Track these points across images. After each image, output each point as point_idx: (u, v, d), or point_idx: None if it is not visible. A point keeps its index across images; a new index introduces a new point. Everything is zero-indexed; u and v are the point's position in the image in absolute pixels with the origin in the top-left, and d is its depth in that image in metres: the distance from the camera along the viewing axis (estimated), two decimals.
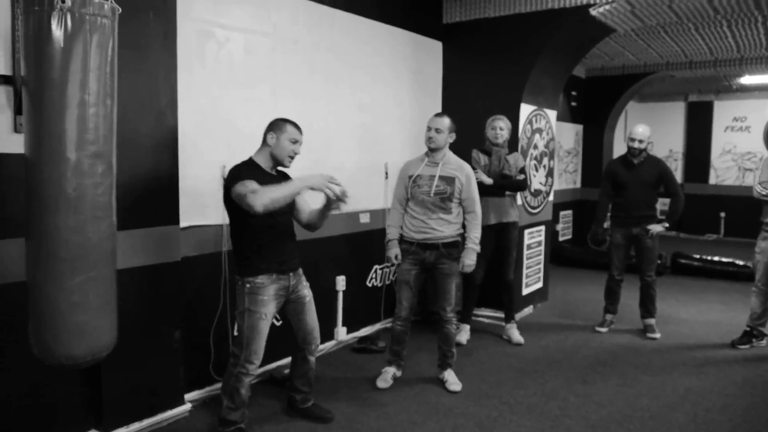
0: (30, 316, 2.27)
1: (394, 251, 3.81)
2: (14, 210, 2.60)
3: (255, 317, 2.97)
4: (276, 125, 3.02)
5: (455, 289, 3.84)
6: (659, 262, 5.39)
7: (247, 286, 2.97)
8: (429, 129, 3.73)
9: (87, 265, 2.23)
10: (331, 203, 3.03)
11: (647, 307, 5.09)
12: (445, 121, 3.71)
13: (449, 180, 3.69)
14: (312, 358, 3.32)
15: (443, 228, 3.70)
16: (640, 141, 4.87)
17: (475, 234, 3.74)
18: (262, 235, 2.97)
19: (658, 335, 4.99)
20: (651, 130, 5.10)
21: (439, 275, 3.77)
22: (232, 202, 2.87)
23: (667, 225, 4.92)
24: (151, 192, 3.18)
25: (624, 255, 5.09)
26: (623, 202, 4.98)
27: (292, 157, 3.05)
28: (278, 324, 3.81)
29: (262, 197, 2.71)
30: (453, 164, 3.75)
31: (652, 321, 5.08)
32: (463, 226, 3.81)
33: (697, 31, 6.35)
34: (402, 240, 3.81)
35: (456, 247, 3.76)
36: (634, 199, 4.92)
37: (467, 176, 3.73)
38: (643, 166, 4.92)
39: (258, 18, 3.82)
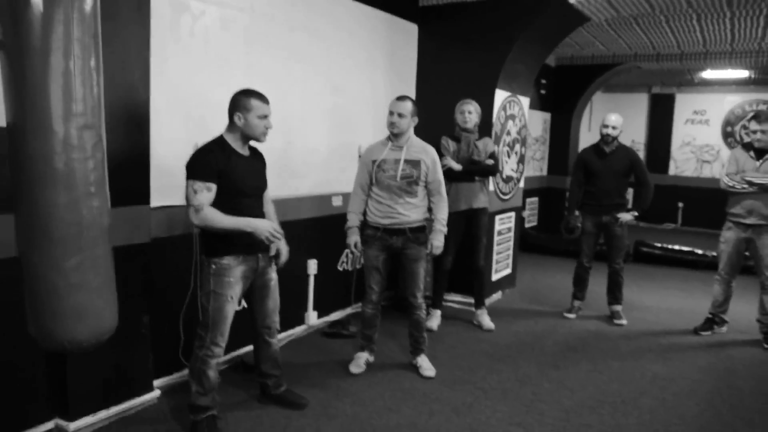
0: (26, 299, 2.17)
1: (353, 238, 3.76)
2: None
3: (221, 299, 2.88)
4: (240, 103, 2.84)
5: (424, 274, 3.80)
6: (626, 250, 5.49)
7: (213, 267, 2.87)
8: (391, 113, 3.65)
9: (82, 245, 2.13)
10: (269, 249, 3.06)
11: (614, 294, 5.17)
12: (408, 105, 3.64)
13: (415, 163, 3.64)
14: (273, 341, 3.25)
15: (410, 212, 3.65)
16: (614, 128, 4.91)
17: (442, 215, 3.70)
18: (229, 214, 2.84)
19: (624, 321, 5.09)
20: None
21: (406, 260, 3.73)
22: None
23: (636, 214, 4.99)
24: (121, 170, 3.01)
25: (594, 243, 5.16)
26: (594, 191, 5.02)
27: (265, 133, 2.94)
28: (240, 308, 3.67)
29: (201, 218, 2.75)
30: (417, 147, 3.70)
31: (618, 308, 5.17)
32: (429, 210, 3.78)
33: (667, 24, 6.43)
34: (366, 225, 3.76)
35: (423, 231, 3.73)
36: (605, 187, 4.97)
37: (432, 159, 3.69)
38: (614, 154, 4.97)
39: None
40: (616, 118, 4.95)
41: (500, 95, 5.31)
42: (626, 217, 4.95)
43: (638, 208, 5.02)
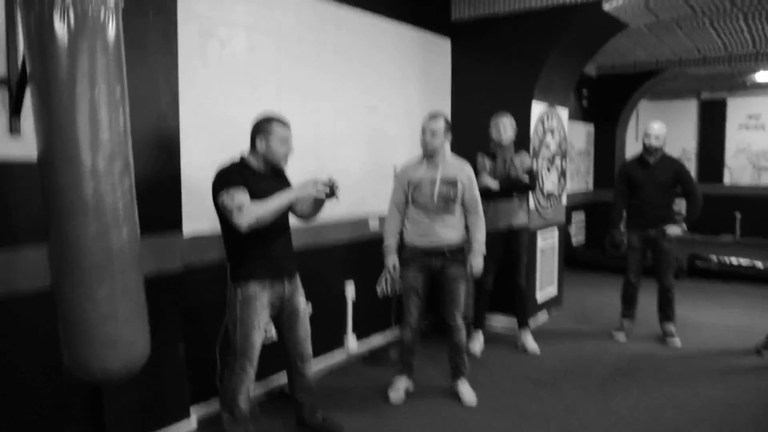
0: (60, 329, 2.18)
1: (391, 260, 3.65)
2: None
3: (247, 327, 2.83)
4: (261, 128, 2.85)
5: (464, 294, 3.68)
6: (675, 265, 5.23)
7: (239, 293, 2.83)
8: (424, 132, 3.56)
9: (112, 273, 2.12)
10: (323, 198, 2.92)
11: (666, 312, 4.91)
12: (440, 124, 3.55)
13: (451, 182, 3.54)
14: (307, 369, 3.17)
15: (447, 232, 3.56)
16: (657, 137, 4.71)
17: (479, 235, 3.60)
18: (254, 238, 2.79)
19: (677, 340, 4.82)
20: (667, 127, 4.93)
21: (446, 280, 3.60)
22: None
23: (684, 227, 4.75)
24: (151, 197, 3.02)
25: (640, 258, 4.92)
26: (639, 204, 4.82)
27: (286, 158, 2.92)
28: (273, 338, 3.52)
29: (248, 216, 2.65)
30: (453, 165, 3.61)
31: (671, 326, 4.90)
32: (467, 228, 3.67)
33: (711, 26, 6.17)
34: (404, 246, 3.66)
35: (461, 251, 3.63)
36: (650, 200, 4.76)
37: (468, 177, 3.60)
38: (659, 165, 4.76)
39: (262, 16, 3.69)
40: (658, 127, 4.74)
41: (537, 107, 5.17)
42: (674, 230, 4.70)
43: (687, 220, 4.77)
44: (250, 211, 2.64)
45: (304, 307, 3.10)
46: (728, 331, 5.17)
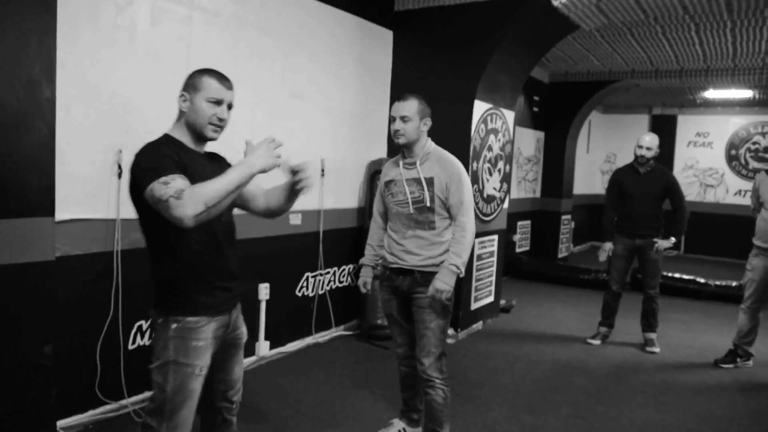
0: None
1: (362, 278, 3.06)
2: None
3: (185, 373, 1.97)
4: (189, 81, 2.05)
5: (438, 331, 2.80)
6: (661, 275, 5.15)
7: (173, 326, 1.97)
8: (393, 119, 2.79)
9: None
10: (296, 180, 2.12)
11: (649, 321, 4.89)
12: (413, 104, 2.77)
13: (428, 182, 2.78)
14: (234, 419, 2.33)
15: (420, 250, 2.80)
16: (648, 149, 4.69)
17: (457, 249, 2.73)
18: (200, 249, 2.00)
19: (657, 350, 4.82)
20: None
21: (415, 309, 2.84)
22: (146, 204, 1.87)
23: (674, 240, 4.68)
24: (16, 176, 2.61)
25: (624, 267, 4.89)
26: (628, 212, 4.78)
27: (216, 127, 2.05)
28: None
29: (191, 203, 1.75)
30: (435, 161, 2.80)
31: (653, 335, 4.89)
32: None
33: (664, 35, 6.03)
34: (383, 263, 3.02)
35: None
36: (639, 209, 4.73)
37: (452, 173, 2.76)
38: (650, 175, 4.73)
39: None
40: (650, 139, 4.74)
41: (480, 107, 4.89)
42: (664, 243, 4.66)
43: (675, 234, 4.70)
44: (194, 195, 1.76)
45: (245, 335, 2.31)
46: (666, 348, 4.96)
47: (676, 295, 6.97)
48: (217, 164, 2.14)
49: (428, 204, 2.76)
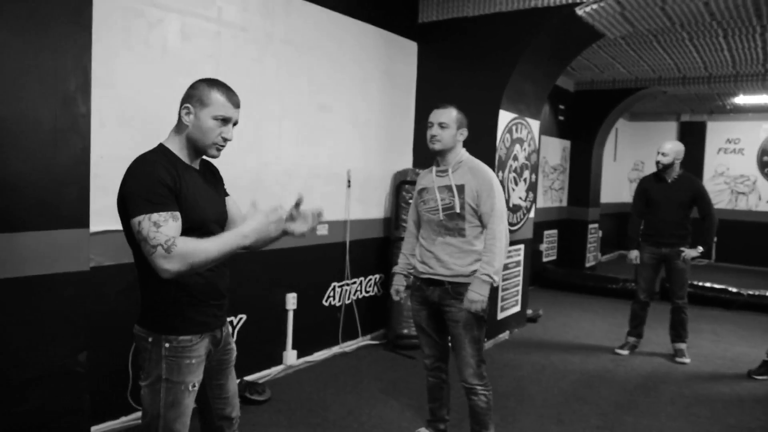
0: None
1: (395, 285, 3.05)
2: None
3: (177, 390, 1.92)
4: (194, 93, 1.93)
5: (474, 343, 2.80)
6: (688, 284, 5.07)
7: (166, 345, 1.90)
8: (431, 125, 2.84)
9: None
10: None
11: (678, 331, 4.83)
12: (452, 113, 2.83)
13: (459, 189, 2.80)
14: None
15: (451, 258, 2.79)
16: (664, 155, 4.68)
17: (489, 257, 2.72)
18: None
19: (688, 360, 4.76)
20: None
21: (449, 322, 2.84)
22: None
23: (701, 249, 4.62)
24: (53, 189, 2.70)
25: (652, 276, 4.87)
26: (654, 220, 4.76)
27: (219, 147, 1.96)
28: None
29: (179, 261, 1.69)
30: (468, 169, 2.82)
31: (682, 345, 4.82)
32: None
33: (691, 42, 5.97)
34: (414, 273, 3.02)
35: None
36: (665, 217, 4.70)
37: (483, 181, 2.77)
38: (677, 183, 4.71)
39: (199, 0, 3.38)
40: (669, 145, 4.73)
41: (505, 117, 4.90)
42: (691, 252, 4.64)
43: (703, 243, 4.64)
44: (183, 254, 1.70)
45: (235, 351, 2.23)
46: (697, 357, 4.88)
47: (708, 304, 6.85)
48: (212, 177, 2.10)
49: (458, 210, 2.77)
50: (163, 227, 1.73)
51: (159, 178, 1.81)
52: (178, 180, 1.87)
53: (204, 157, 2.02)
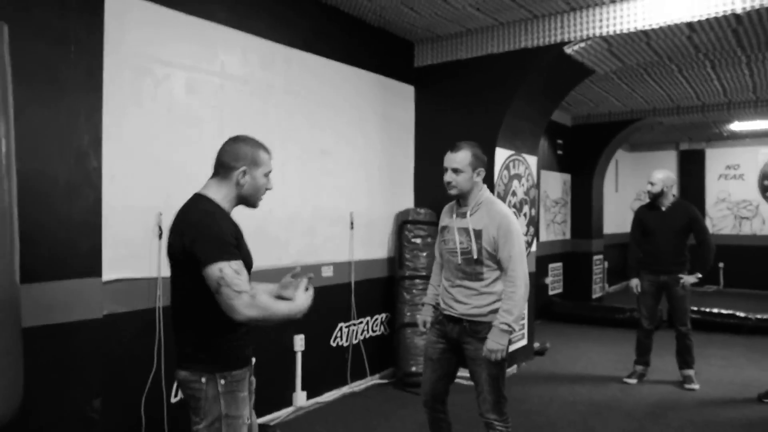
0: None
1: (422, 317, 3.04)
2: None
3: (236, 425, 2.01)
4: (249, 154, 2.07)
5: (491, 379, 2.76)
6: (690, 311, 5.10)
7: (222, 382, 1.99)
8: (445, 170, 2.80)
9: None
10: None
11: (684, 358, 4.85)
12: (464, 155, 2.76)
13: (476, 234, 2.75)
14: None
15: (467, 299, 2.79)
16: (652, 184, 4.79)
17: (508, 305, 2.68)
18: None
19: (697, 386, 4.76)
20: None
21: (468, 359, 2.83)
22: (194, 268, 1.91)
23: (700, 275, 4.69)
24: (68, 240, 2.83)
25: (653, 304, 4.91)
26: (651, 249, 4.84)
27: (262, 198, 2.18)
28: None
29: (258, 311, 1.87)
30: (486, 211, 2.77)
31: (690, 372, 4.84)
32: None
33: (680, 74, 6.14)
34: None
35: (489, 324, 2.74)
36: (662, 245, 4.77)
37: (500, 226, 2.71)
38: (672, 211, 4.79)
39: (203, 56, 3.57)
40: (657, 175, 4.83)
41: (501, 154, 5.04)
42: (690, 279, 4.71)
43: (700, 269, 4.70)
44: (263, 307, 1.89)
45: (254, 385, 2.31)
46: (707, 384, 4.88)
47: (716, 330, 6.84)
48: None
49: (475, 256, 2.74)
50: (243, 276, 1.89)
51: (229, 230, 1.97)
52: (237, 231, 2.02)
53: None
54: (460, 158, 2.76)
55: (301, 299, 2.03)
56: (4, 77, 2.01)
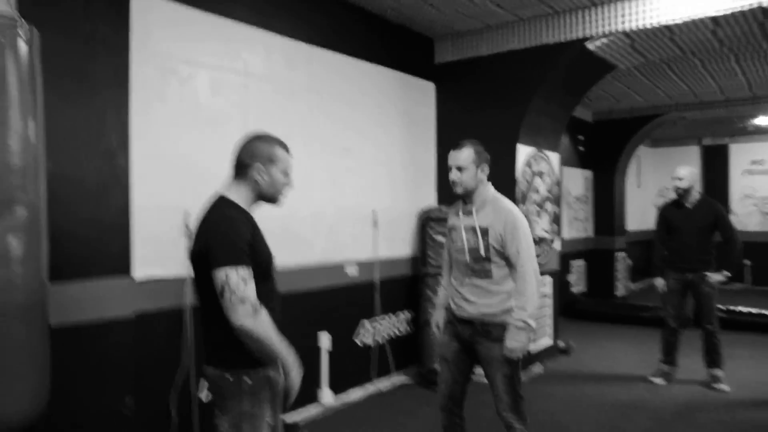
0: None
1: (434, 318, 3.06)
2: None
3: (259, 424, 2.00)
4: (264, 152, 2.08)
5: (506, 379, 2.73)
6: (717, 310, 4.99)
7: (247, 381, 1.98)
8: (450, 169, 2.82)
9: None
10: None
11: (712, 357, 4.78)
12: (467, 154, 2.76)
13: (483, 231, 2.76)
14: None
15: (479, 299, 2.76)
16: (680, 179, 4.70)
17: (520, 303, 2.66)
18: (273, 308, 2.04)
19: (726, 387, 4.67)
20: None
21: (480, 360, 2.82)
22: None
23: (727, 273, 4.62)
24: (98, 239, 2.87)
25: (679, 302, 4.83)
26: (677, 246, 4.77)
27: (283, 194, 2.18)
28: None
29: (261, 321, 1.89)
30: (491, 209, 2.77)
31: (719, 372, 4.75)
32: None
33: (704, 68, 6.06)
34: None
35: (501, 325, 2.71)
36: (687, 242, 4.71)
37: (506, 223, 2.71)
38: (697, 208, 4.72)
39: (226, 55, 3.60)
40: (683, 171, 4.74)
41: (523, 151, 5.01)
42: (716, 277, 4.63)
43: (727, 267, 4.64)
44: (265, 323, 1.91)
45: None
46: (737, 385, 4.80)
47: (744, 330, 6.72)
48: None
49: (483, 254, 2.73)
50: (250, 285, 1.89)
51: (245, 236, 1.96)
52: (254, 232, 2.01)
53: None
54: (463, 156, 2.77)
55: (295, 367, 2.04)
56: (34, 81, 2.04)
